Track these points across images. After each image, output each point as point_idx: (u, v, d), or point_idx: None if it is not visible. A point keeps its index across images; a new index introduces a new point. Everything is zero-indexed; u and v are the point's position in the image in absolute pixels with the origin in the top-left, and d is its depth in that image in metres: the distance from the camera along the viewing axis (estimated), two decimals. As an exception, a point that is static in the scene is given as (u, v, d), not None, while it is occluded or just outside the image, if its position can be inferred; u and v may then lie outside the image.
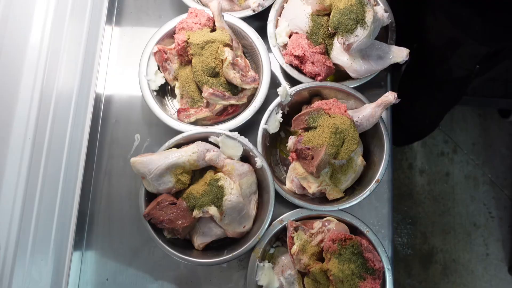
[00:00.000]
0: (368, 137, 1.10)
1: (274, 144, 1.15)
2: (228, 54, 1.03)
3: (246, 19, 1.14)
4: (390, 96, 1.01)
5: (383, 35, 1.12)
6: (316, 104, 1.04)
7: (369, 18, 0.99)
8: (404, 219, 2.24)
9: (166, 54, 1.10)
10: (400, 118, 1.71)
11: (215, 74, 1.06)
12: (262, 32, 1.13)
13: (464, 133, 2.33)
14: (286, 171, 1.13)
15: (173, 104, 1.18)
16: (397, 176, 2.29)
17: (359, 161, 1.05)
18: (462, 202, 2.26)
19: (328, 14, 1.04)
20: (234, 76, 1.03)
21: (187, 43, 1.06)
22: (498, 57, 1.26)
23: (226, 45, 1.06)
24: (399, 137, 1.97)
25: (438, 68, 1.41)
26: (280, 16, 1.14)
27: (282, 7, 1.14)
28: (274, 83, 1.19)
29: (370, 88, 1.14)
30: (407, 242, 2.21)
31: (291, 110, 1.12)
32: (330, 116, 1.01)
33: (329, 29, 1.03)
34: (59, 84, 1.07)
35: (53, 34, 1.04)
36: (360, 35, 0.99)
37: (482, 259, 2.19)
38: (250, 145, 1.03)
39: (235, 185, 1.00)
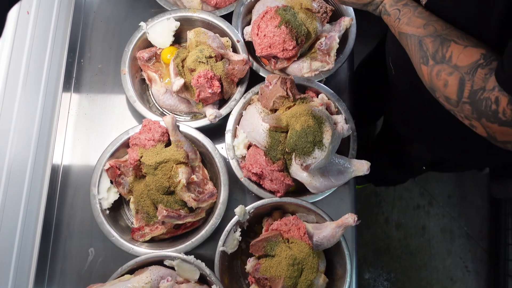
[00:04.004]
0: (331, 251, 1.06)
1: (235, 256, 1.11)
2: (182, 175, 0.99)
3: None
4: (350, 219, 0.97)
5: (344, 143, 1.09)
6: (275, 225, 1.01)
7: (327, 139, 0.96)
8: (381, 275, 2.22)
9: (119, 170, 1.05)
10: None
11: (170, 192, 1.02)
12: (222, 132, 1.09)
13: (439, 185, 2.33)
14: (247, 285, 1.09)
15: (129, 215, 1.13)
16: (374, 230, 2.27)
17: (321, 280, 1.01)
18: (438, 256, 2.25)
19: (286, 131, 1.01)
20: (188, 199, 0.99)
21: (140, 161, 1.02)
22: (441, 166, 1.27)
23: (181, 163, 1.02)
24: (375, 178, 1.99)
25: (395, 151, 1.43)
26: (238, 124, 1.10)
27: (241, 115, 1.10)
28: (234, 181, 1.14)
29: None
30: (384, 300, 2.18)
31: (252, 222, 1.09)
32: (288, 241, 0.98)
33: (286, 149, 0.99)
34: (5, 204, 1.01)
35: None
36: (318, 156, 0.96)
37: (459, 315, 2.18)
38: (207, 270, 0.99)
39: (190, 316, 0.95)
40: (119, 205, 1.12)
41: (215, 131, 1.14)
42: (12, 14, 1.01)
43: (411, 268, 2.23)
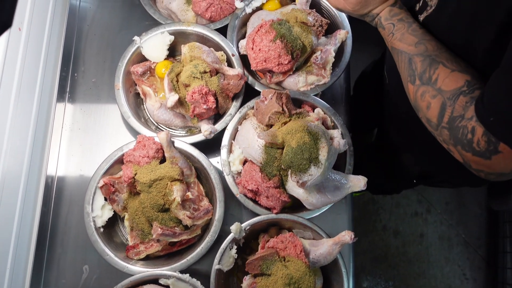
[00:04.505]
0: (328, 268, 1.05)
1: (232, 273, 1.09)
2: (176, 193, 0.98)
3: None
4: (346, 237, 0.96)
5: (340, 158, 1.08)
6: (271, 242, 1.00)
7: (323, 155, 0.95)
8: (379, 284, 2.21)
9: (113, 187, 1.03)
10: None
11: (165, 210, 1.01)
12: (218, 146, 1.08)
13: (437, 192, 2.32)
14: (244, 302, 1.08)
15: (124, 231, 1.11)
16: (372, 238, 2.26)
17: (318, 298, 1.01)
18: (436, 264, 2.24)
19: (282, 148, 0.99)
20: (183, 217, 0.98)
21: (135, 178, 1.01)
22: (430, 180, 1.27)
23: (175, 180, 1.01)
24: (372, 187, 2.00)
25: (388, 160, 1.44)
26: (234, 140, 1.09)
27: (236, 130, 1.09)
28: (230, 197, 1.13)
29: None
30: (383, 309, 2.17)
31: (248, 238, 1.07)
32: (285, 259, 0.96)
33: (282, 166, 0.98)
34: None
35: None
36: (314, 173, 0.95)
37: (458, 323, 2.17)
38: (202, 289, 0.98)
39: (186, 336, 0.94)
40: (113, 221, 1.10)
41: (211, 146, 1.13)
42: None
43: (409, 276, 2.22)
